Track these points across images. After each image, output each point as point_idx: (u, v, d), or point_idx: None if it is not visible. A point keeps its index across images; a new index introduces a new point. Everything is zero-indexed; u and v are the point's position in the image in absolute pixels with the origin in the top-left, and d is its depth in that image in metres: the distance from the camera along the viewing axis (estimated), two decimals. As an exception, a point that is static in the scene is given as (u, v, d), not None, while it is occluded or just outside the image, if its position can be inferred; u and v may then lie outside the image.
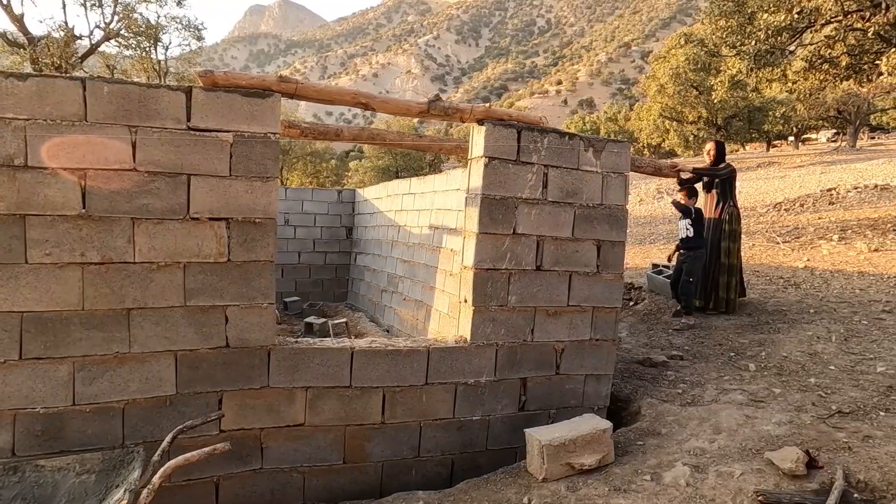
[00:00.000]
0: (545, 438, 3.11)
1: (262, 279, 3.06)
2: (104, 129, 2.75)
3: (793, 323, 5.42)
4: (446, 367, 3.46)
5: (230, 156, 2.95)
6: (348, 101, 3.20)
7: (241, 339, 3.04)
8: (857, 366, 4.30)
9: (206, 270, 2.96)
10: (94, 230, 2.76)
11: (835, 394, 3.83)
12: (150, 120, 2.81)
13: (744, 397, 3.94)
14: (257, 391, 3.10)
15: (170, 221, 2.88)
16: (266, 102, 2.99)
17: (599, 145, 3.74)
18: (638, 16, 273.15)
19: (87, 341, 2.79)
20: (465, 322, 3.54)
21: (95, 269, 2.78)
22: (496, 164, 3.44)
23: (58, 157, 2.69)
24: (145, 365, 2.89)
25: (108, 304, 2.81)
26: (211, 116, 2.91)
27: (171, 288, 2.90)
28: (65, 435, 2.77)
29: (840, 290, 6.36)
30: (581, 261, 3.74)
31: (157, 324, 2.89)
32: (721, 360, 4.75)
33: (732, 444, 3.29)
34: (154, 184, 2.84)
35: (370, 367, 3.30)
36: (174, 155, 2.86)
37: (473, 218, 3.48)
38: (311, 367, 3.18)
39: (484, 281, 3.48)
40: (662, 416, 3.79)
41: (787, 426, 3.43)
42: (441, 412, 3.48)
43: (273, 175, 3.03)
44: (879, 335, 4.87)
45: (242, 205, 2.99)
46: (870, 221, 11.53)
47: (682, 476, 3.01)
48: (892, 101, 35.82)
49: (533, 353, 3.67)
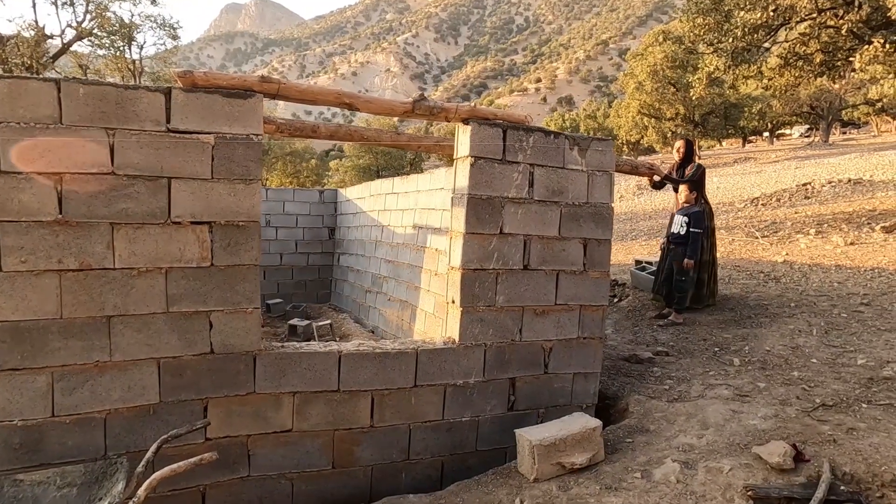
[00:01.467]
0: (536, 438, 3.11)
1: (247, 283, 3.00)
2: (80, 131, 2.67)
3: (774, 317, 5.49)
4: (435, 369, 3.43)
5: (212, 158, 2.89)
6: (332, 101, 3.15)
7: (226, 344, 2.98)
8: (839, 358, 4.37)
9: (189, 275, 2.89)
10: (71, 236, 2.68)
11: (818, 387, 3.89)
12: (129, 122, 2.74)
13: (729, 392, 3.98)
14: (243, 397, 3.04)
15: (150, 226, 2.81)
16: (248, 103, 2.94)
17: (584, 143, 3.74)
18: (615, 14, 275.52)
19: (66, 350, 2.71)
20: (454, 323, 3.51)
21: (73, 275, 2.70)
22: (482, 164, 3.42)
23: (32, 161, 2.60)
24: (127, 373, 2.82)
25: (87, 311, 2.73)
26: (191, 118, 2.84)
27: (152, 294, 2.83)
28: (44, 447, 2.69)
29: (819, 284, 6.47)
30: (568, 259, 3.74)
31: (138, 331, 2.82)
32: (706, 356, 4.79)
33: (720, 440, 3.32)
34: (134, 187, 2.77)
35: (358, 370, 3.26)
36: (154, 158, 2.79)
37: (460, 218, 3.46)
38: (298, 372, 3.13)
39: (471, 281, 3.46)
40: (650, 412, 3.81)
41: (772, 420, 3.47)
42: (430, 414, 3.46)
43: (256, 177, 2.98)
44: (859, 328, 4.96)
45: (225, 208, 2.93)
46: (845, 215, 11.76)
47: (671, 473, 3.02)
48: (863, 97, 36.59)
49: (521, 353, 3.66)
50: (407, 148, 4.73)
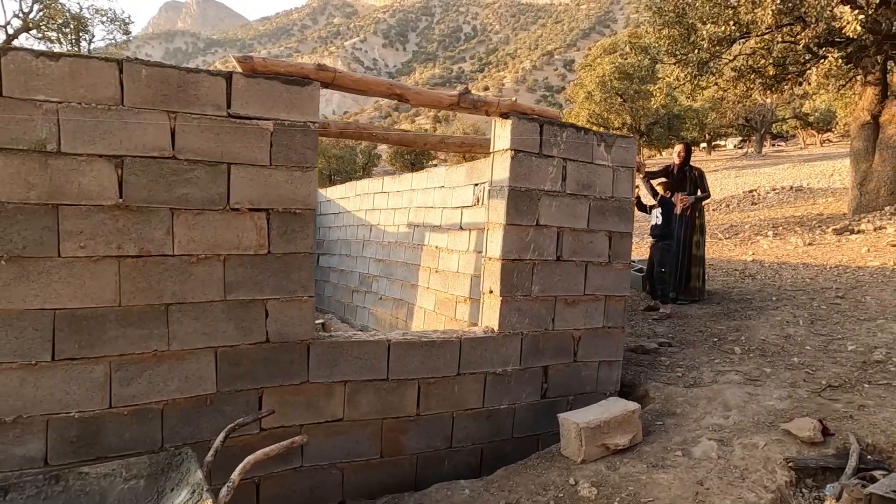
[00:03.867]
0: (582, 421, 3.22)
1: (302, 271, 2.98)
2: (142, 114, 2.60)
3: (760, 310, 5.83)
4: (477, 357, 3.49)
5: (270, 144, 2.87)
6: (383, 91, 3.18)
7: (281, 333, 2.95)
8: (829, 345, 4.70)
9: (247, 263, 2.85)
10: (131, 221, 2.61)
11: (819, 371, 4.18)
12: (190, 106, 2.69)
13: (739, 377, 4.21)
14: (297, 387, 3.01)
15: (210, 212, 2.76)
16: (306, 91, 2.93)
17: (610, 140, 3.90)
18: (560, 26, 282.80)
19: (123, 339, 2.62)
20: (493, 312, 3.59)
21: (132, 262, 2.62)
22: (521, 157, 3.52)
23: (93, 143, 2.52)
24: (185, 363, 2.75)
25: (145, 299, 2.65)
26: (251, 103, 2.81)
27: (210, 281, 2.78)
28: (101, 440, 2.59)
29: (792, 280, 6.90)
30: (595, 251, 3.89)
31: (196, 319, 2.76)
32: (707, 346, 5.05)
33: (745, 420, 3.52)
34: (194, 172, 2.72)
35: (406, 358, 3.28)
36: (214, 143, 2.75)
37: (500, 209, 3.54)
38: (349, 361, 3.13)
39: (510, 271, 3.54)
40: (671, 397, 4.00)
41: (788, 401, 3.71)
42: (472, 402, 3.52)
43: (313, 164, 2.97)
44: (839, 318, 5.34)
45: (283, 195, 2.91)
46: (795, 219, 12.54)
47: (710, 450, 3.20)
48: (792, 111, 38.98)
49: (554, 342, 3.77)
50: (412, 146, 4.77)
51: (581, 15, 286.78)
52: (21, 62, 2.39)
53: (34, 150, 2.43)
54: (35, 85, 2.42)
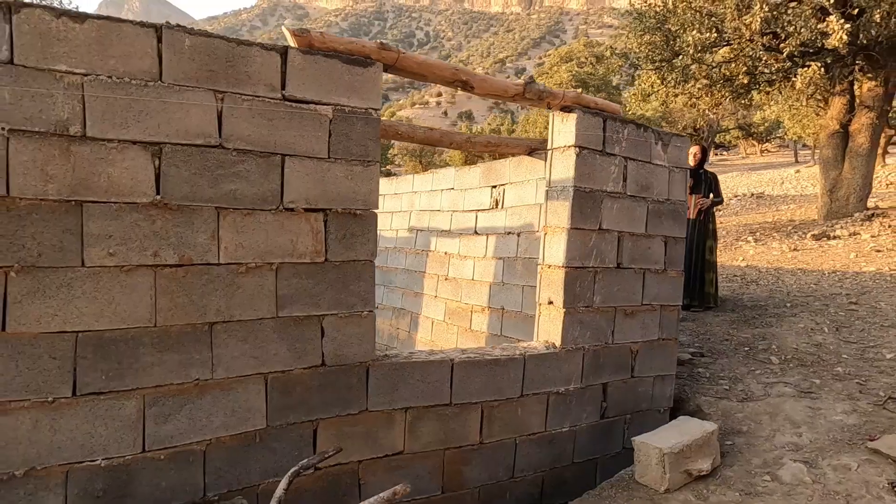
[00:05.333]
0: (665, 446, 2.92)
1: (362, 282, 2.57)
2: (184, 92, 2.14)
3: (779, 317, 5.72)
4: (539, 376, 3.15)
5: (329, 134, 2.45)
6: (448, 76, 2.80)
7: (338, 355, 2.52)
8: (865, 354, 4.58)
9: (301, 273, 2.42)
10: (170, 223, 2.14)
11: (870, 381, 4.03)
12: (240, 85, 2.25)
13: (791, 389, 4.02)
14: (355, 417, 2.59)
15: (261, 213, 2.32)
16: (368, 72, 2.53)
17: (667, 139, 3.64)
18: (511, 34, 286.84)
19: (160, 367, 2.14)
20: (553, 325, 3.25)
21: (171, 272, 2.15)
22: (585, 155, 3.21)
23: (126, 127, 2.05)
24: (231, 393, 2.29)
25: (186, 317, 2.19)
26: (309, 85, 2.39)
27: (261, 295, 2.33)
28: (133, 491, 2.11)
29: (796, 286, 6.87)
30: (652, 258, 3.62)
31: (244, 341, 2.31)
32: (740, 355, 4.86)
33: (820, 437, 3.30)
34: (244, 165, 2.27)
35: (469, 380, 2.91)
36: (267, 130, 2.31)
37: (562, 212, 3.21)
38: (410, 385, 2.73)
39: (573, 280, 3.22)
40: (729, 413, 3.76)
41: (854, 415, 3.53)
42: (534, 426, 3.17)
43: (375, 158, 2.57)
44: (862, 325, 5.26)
45: (342, 193, 2.49)
46: (769, 225, 12.77)
47: (800, 473, 2.95)
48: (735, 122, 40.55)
49: (613, 356, 3.47)
50: (437, 144, 4.41)
51: (532, 25, 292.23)
52: (38, 22, 1.91)
53: (53, 134, 1.94)
54: (55, 52, 1.94)
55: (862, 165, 11.34)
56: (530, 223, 4.77)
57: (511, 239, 4.96)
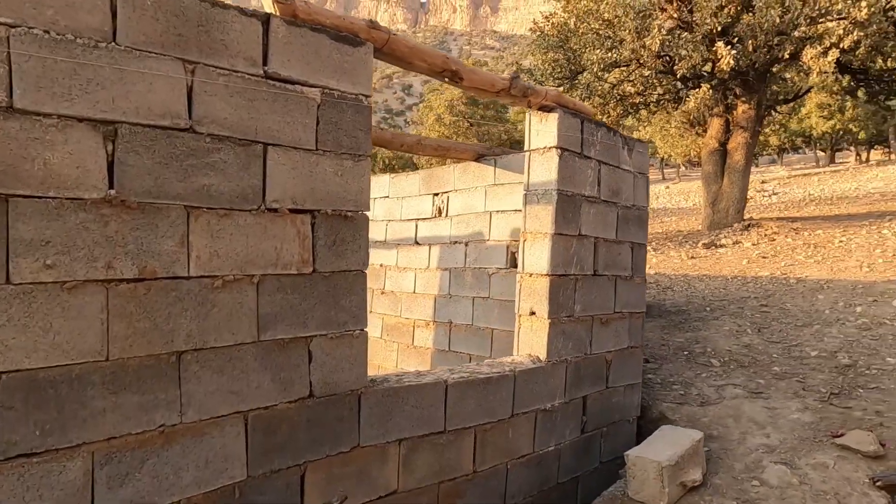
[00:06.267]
0: (663, 459, 2.80)
1: (354, 296, 2.20)
2: (146, 59, 1.69)
3: (703, 320, 5.97)
4: (528, 393, 2.92)
5: (317, 121, 2.07)
6: (438, 65, 2.51)
7: (328, 383, 2.13)
8: (791, 352, 4.86)
9: (287, 286, 2.01)
10: (128, 225, 1.66)
11: (808, 378, 4.24)
12: (216, 56, 1.82)
13: (741, 391, 4.12)
14: (347, 455, 2.20)
15: (239, 213, 1.89)
16: (358, 52, 2.18)
17: (632, 144, 3.61)
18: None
19: (114, 413, 1.65)
20: (538, 337, 3.04)
21: (129, 289, 1.67)
22: (567, 157, 3.06)
23: (69, 98, 1.56)
24: (204, 440, 1.82)
25: (148, 346, 1.71)
26: (294, 62, 2.01)
27: (239, 315, 1.90)
28: (79, 583, 1.58)
29: (708, 291, 7.26)
30: (622, 264, 3.54)
31: (220, 372, 1.86)
32: (681, 360, 4.97)
33: (788, 437, 3.38)
34: (220, 154, 1.84)
35: (463, 402, 2.61)
36: (246, 112, 1.90)
37: (545, 217, 3.03)
38: (405, 412, 2.38)
39: (557, 288, 3.04)
40: (695, 418, 3.76)
41: (808, 413, 3.66)
42: (524, 447, 2.92)
43: (366, 152, 2.22)
44: (778, 325, 5.61)
45: (331, 192, 2.12)
46: (661, 235, 13.64)
47: (784, 475, 2.96)
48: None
49: (591, 367, 3.33)
50: (387, 146, 4.04)
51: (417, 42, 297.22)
52: (-54, -51, 1.39)
53: (-32, 102, 1.42)
54: (-30, -8, 1.42)
55: (739, 180, 12.45)
56: (479, 232, 4.57)
57: (458, 249, 4.73)
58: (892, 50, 10.06)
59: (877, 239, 9.59)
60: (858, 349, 4.69)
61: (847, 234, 10.22)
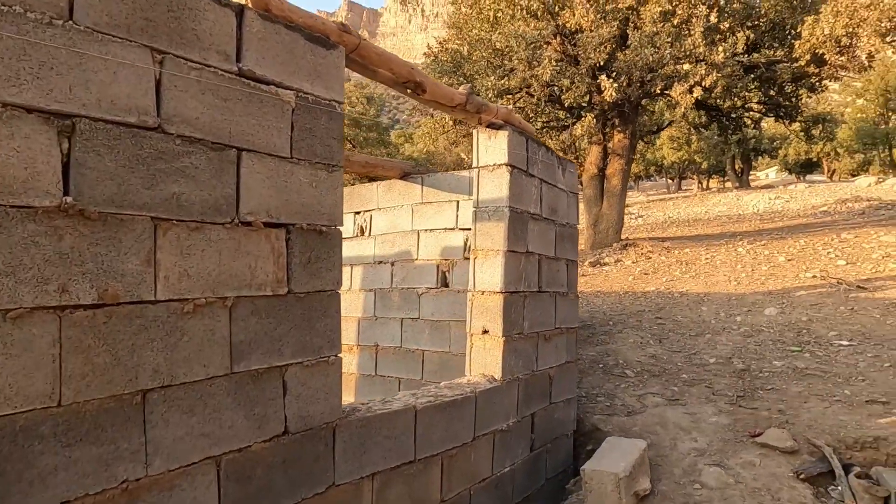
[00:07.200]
0: (619, 470, 2.85)
1: (329, 318, 2.00)
2: (109, 44, 1.43)
3: (609, 334, 6.29)
4: (488, 414, 2.85)
5: (291, 127, 1.89)
6: (403, 74, 2.40)
7: (303, 416, 1.91)
8: (692, 360, 5.25)
9: (261, 310, 1.78)
10: (86, 240, 1.38)
11: (714, 384, 4.59)
12: (187, 47, 1.59)
13: (661, 399, 4.36)
14: (322, 496, 1.97)
15: (212, 227, 1.65)
16: (331, 56, 2.03)
17: (564, 164, 3.72)
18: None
19: (68, 471, 1.34)
20: (492, 357, 2.99)
21: (87, 317, 1.38)
22: (517, 174, 3.08)
23: (16, 83, 1.28)
24: (174, 494, 1.54)
25: (109, 386, 1.42)
26: (269, 60, 1.82)
27: (211, 344, 1.64)
28: None
29: (606, 305, 7.69)
30: (560, 280, 3.62)
31: (190, 412, 1.59)
32: (598, 372, 5.17)
33: (713, 439, 3.60)
34: (191, 158, 1.60)
35: (432, 427, 2.47)
36: (220, 113, 1.68)
37: (496, 234, 3.01)
38: (377, 443, 2.20)
39: (509, 306, 3.03)
40: (626, 428, 3.90)
41: (723, 415, 3.95)
42: (484, 470, 2.84)
43: (339, 163, 2.06)
44: (675, 336, 6.06)
45: (306, 204, 1.93)
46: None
47: (720, 476, 3.15)
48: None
49: (538, 384, 3.34)
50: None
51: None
52: None
53: None
54: None
55: (616, 203, 13.45)
56: (406, 251, 4.47)
57: (384, 269, 4.58)
58: (740, 90, 11.47)
59: (735, 256, 10.76)
60: (748, 354, 5.18)
61: (710, 252, 11.37)
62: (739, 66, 10.34)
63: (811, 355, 5.00)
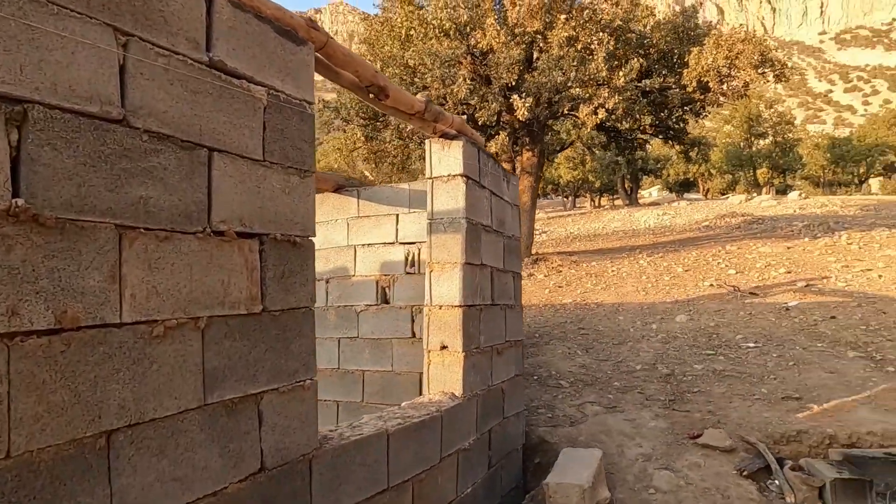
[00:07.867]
0: (583, 482, 2.84)
1: (304, 339, 1.82)
2: (67, 20, 1.21)
3: (537, 346, 6.37)
4: (453, 433, 2.74)
5: (263, 126, 1.71)
6: (367, 77, 2.26)
7: (279, 449, 1.70)
8: (620, 367, 5.43)
9: (235, 331, 1.57)
10: (40, 251, 1.14)
11: (645, 389, 4.76)
12: (153, 30, 1.39)
13: (600, 408, 4.45)
14: (300, 538, 1.77)
15: (182, 237, 1.44)
16: (301, 52, 1.87)
17: (507, 176, 3.73)
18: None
19: (20, 538, 1.07)
20: (452, 373, 2.89)
21: (42, 345, 1.13)
22: (471, 185, 3.02)
23: (-44, 58, 1.03)
24: (144, 553, 1.30)
25: (68, 429, 1.17)
26: (240, 52, 1.63)
27: (183, 372, 1.42)
28: None
29: (529, 319, 7.81)
30: (507, 293, 3.59)
31: (160, 453, 1.35)
32: (534, 384, 5.19)
33: (657, 444, 3.71)
34: (159, 157, 1.38)
35: (403, 451, 2.32)
36: (189, 107, 1.47)
37: (454, 246, 2.93)
38: (352, 472, 2.02)
39: (468, 320, 2.95)
40: (573, 437, 3.92)
41: (660, 419, 4.09)
42: (449, 493, 2.71)
43: (311, 167, 1.89)
44: (599, 345, 6.25)
45: (280, 212, 1.74)
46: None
47: (670, 479, 3.23)
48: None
49: (493, 399, 3.27)
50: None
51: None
52: None
53: None
54: None
55: (527, 220, 13.83)
56: (343, 267, 4.27)
57: (318, 286, 4.34)
58: (638, 113, 12.28)
59: (638, 268, 11.41)
60: (669, 360, 5.44)
61: (615, 265, 11.98)
62: (637, 91, 11.07)
63: (725, 358, 5.34)
